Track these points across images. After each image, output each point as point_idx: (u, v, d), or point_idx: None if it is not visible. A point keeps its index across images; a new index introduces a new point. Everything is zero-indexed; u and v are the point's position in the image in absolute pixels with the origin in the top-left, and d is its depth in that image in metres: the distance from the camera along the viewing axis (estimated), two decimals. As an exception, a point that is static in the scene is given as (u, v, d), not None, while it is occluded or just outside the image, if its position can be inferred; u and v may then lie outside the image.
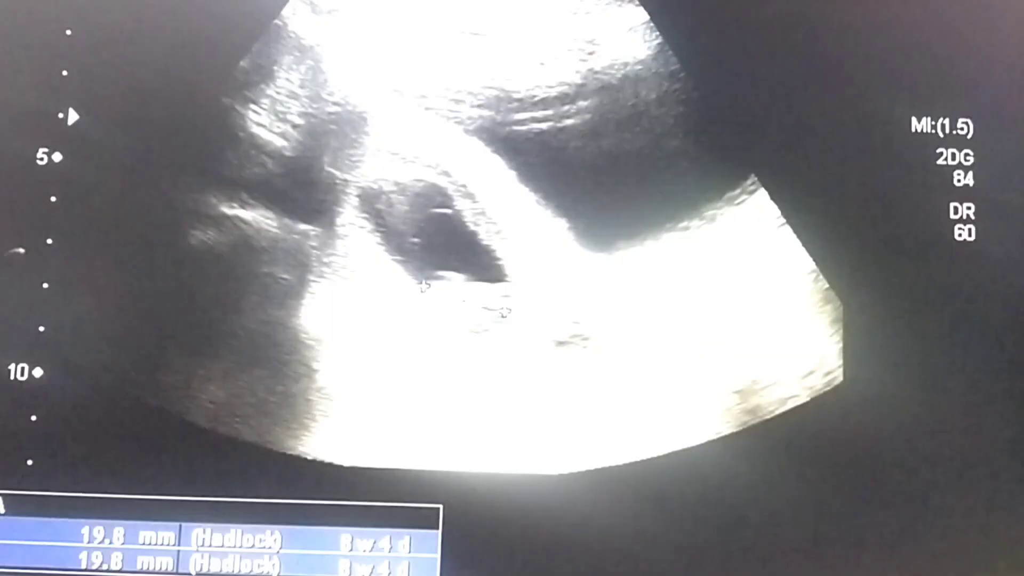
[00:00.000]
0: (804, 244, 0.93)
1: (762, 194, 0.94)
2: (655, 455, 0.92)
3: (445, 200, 0.95)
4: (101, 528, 0.92)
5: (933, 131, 0.94)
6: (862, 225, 0.93)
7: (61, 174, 0.94)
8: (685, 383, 0.94)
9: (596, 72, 0.96)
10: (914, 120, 0.94)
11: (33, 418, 0.93)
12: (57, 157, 0.94)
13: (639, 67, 0.96)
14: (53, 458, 0.92)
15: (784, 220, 0.94)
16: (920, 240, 0.94)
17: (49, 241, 0.94)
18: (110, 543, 0.92)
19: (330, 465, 0.92)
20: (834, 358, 0.93)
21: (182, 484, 0.92)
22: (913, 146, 0.94)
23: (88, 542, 0.92)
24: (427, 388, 0.94)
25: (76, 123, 0.94)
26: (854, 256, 0.93)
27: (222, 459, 0.92)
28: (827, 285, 0.93)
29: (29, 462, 0.93)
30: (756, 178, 0.94)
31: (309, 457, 0.92)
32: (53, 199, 0.94)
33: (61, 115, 0.94)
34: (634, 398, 0.94)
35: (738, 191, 0.94)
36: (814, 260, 0.93)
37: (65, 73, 0.95)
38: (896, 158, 0.94)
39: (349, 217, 0.95)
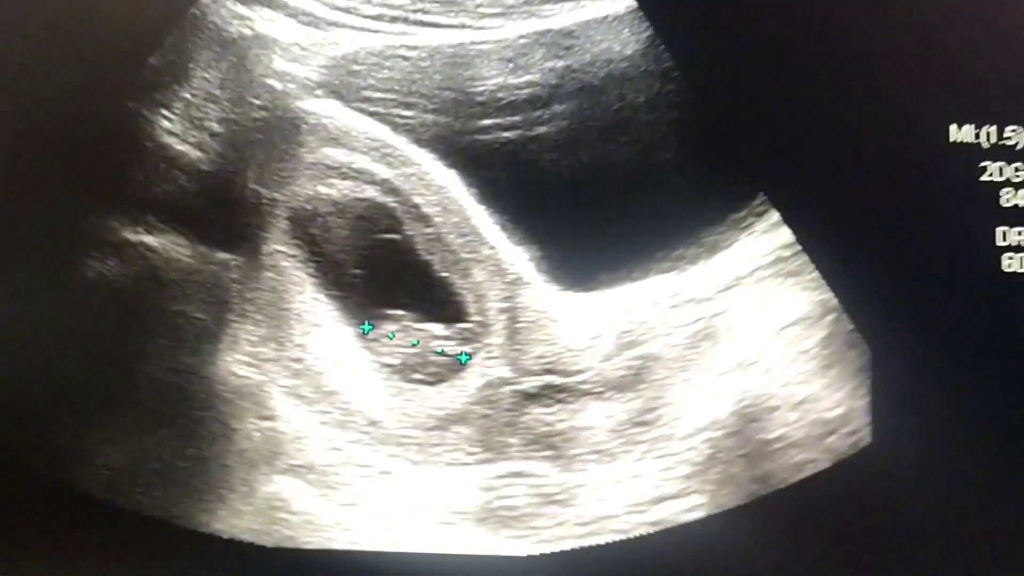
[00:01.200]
0: (823, 276, 0.86)
1: (773, 216, 0.87)
2: (643, 533, 0.83)
3: (393, 224, 0.88)
4: None
5: (976, 141, 0.87)
6: (892, 254, 0.86)
7: None
8: (679, 446, 0.84)
9: (574, 71, 0.89)
10: (953, 128, 0.87)
11: None
12: None
13: (625, 64, 0.89)
14: None
15: (800, 248, 0.87)
16: (961, 272, 0.86)
17: None
18: None
19: (250, 546, 0.84)
20: (860, 414, 0.84)
21: (72, 567, 0.84)
22: (952, 159, 0.87)
23: None
24: (371, 451, 0.85)
25: None
26: (883, 291, 0.86)
27: (120, 536, 0.84)
28: (851, 326, 0.85)
29: None
30: (765, 197, 0.88)
31: (225, 535, 0.84)
32: None
33: None
34: (617, 463, 0.84)
35: (744, 213, 0.87)
36: (836, 296, 0.86)
37: None
38: (932, 173, 0.87)
39: (277, 244, 0.88)
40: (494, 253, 0.87)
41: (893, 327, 0.85)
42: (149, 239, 0.86)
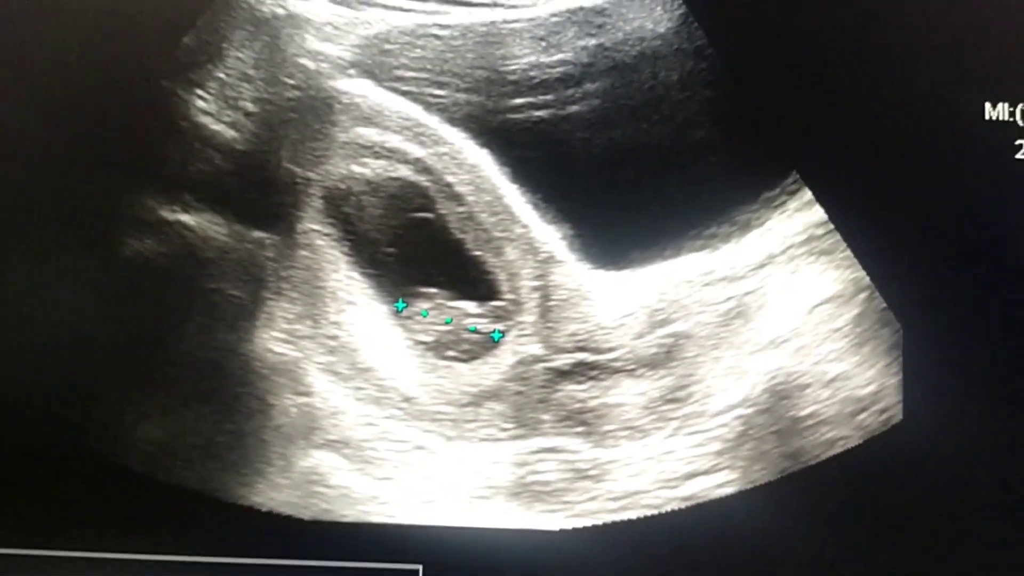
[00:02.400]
0: (856, 255, 0.86)
1: (805, 195, 0.86)
2: (675, 508, 0.83)
3: (426, 203, 0.87)
4: None
5: (1011, 119, 0.86)
6: (926, 232, 0.85)
7: None
8: (711, 423, 0.84)
9: (606, 49, 0.88)
10: (988, 106, 0.87)
11: (-60, 460, 0.86)
12: None
13: (658, 43, 0.88)
14: None
15: (832, 226, 0.86)
16: (996, 250, 0.85)
17: None
18: None
19: (288, 519, 0.84)
20: (892, 392, 0.84)
21: (114, 539, 0.84)
22: (988, 137, 0.86)
23: None
24: (406, 427, 0.85)
25: None
26: (916, 270, 0.85)
27: (161, 510, 0.84)
28: (884, 304, 0.85)
29: (-66, 513, 0.86)
30: (798, 176, 0.86)
31: (264, 509, 0.84)
32: None
33: None
34: (649, 439, 0.84)
35: (777, 191, 0.86)
36: (868, 274, 0.85)
37: None
38: (967, 151, 0.86)
39: (312, 223, 0.87)
40: (527, 232, 0.86)
41: (925, 306, 0.84)
42: (186, 218, 0.86)
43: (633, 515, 0.82)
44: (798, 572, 0.82)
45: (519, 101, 0.87)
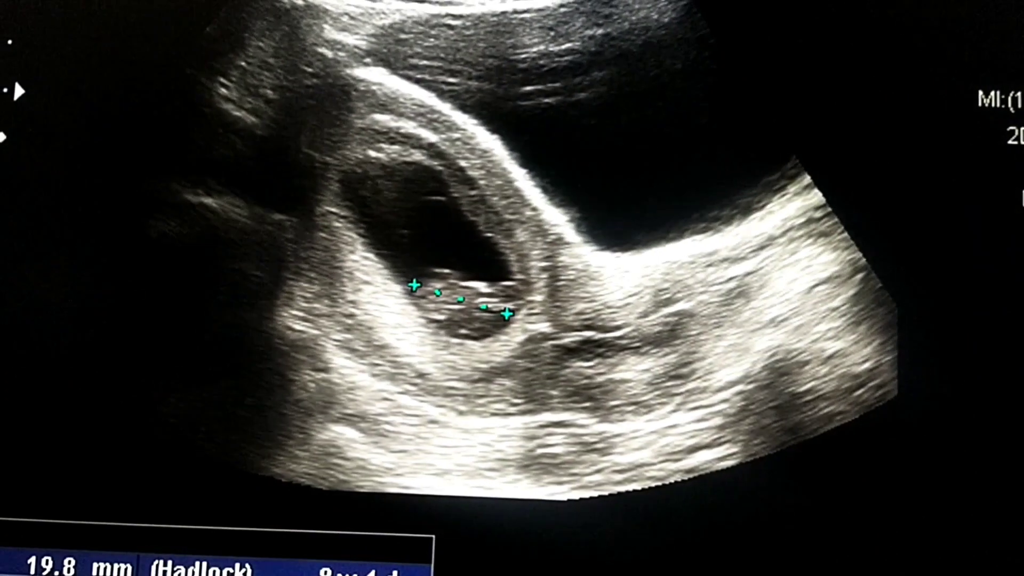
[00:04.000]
0: (853, 237, 0.87)
1: (805, 179, 0.88)
2: (677, 480, 0.85)
3: (439, 186, 0.88)
4: (49, 558, 0.85)
5: (1003, 106, 0.87)
6: (920, 216, 0.86)
7: (5, 155, 0.89)
8: (713, 398, 0.86)
9: (613, 38, 0.89)
10: (981, 93, 0.88)
11: (-28, 433, 0.87)
12: (0, 137, 0.89)
13: (662, 32, 0.89)
14: None
15: (830, 209, 0.87)
16: (988, 233, 0.86)
17: None
18: (60, 574, 0.86)
19: (307, 489, 0.85)
20: (887, 369, 0.85)
21: (140, 509, 0.85)
22: (980, 123, 0.87)
23: (35, 573, 0.85)
24: (420, 402, 0.86)
25: (21, 99, 0.89)
26: (911, 252, 0.86)
27: (185, 481, 0.85)
28: (879, 284, 0.86)
29: (-32, 483, 0.87)
30: (798, 160, 0.88)
31: (283, 480, 0.85)
32: None
33: (5, 90, 0.89)
34: (652, 414, 0.86)
35: (777, 176, 0.88)
36: (865, 256, 0.86)
37: (10, 43, 0.90)
38: (960, 137, 0.87)
39: (329, 205, 0.88)
40: (536, 214, 0.88)
41: (920, 286, 0.85)
42: (208, 201, 0.87)
43: (638, 487, 0.84)
44: (797, 541, 0.83)
45: (529, 88, 0.88)
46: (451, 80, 0.89)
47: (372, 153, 0.88)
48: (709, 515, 0.84)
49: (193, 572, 0.84)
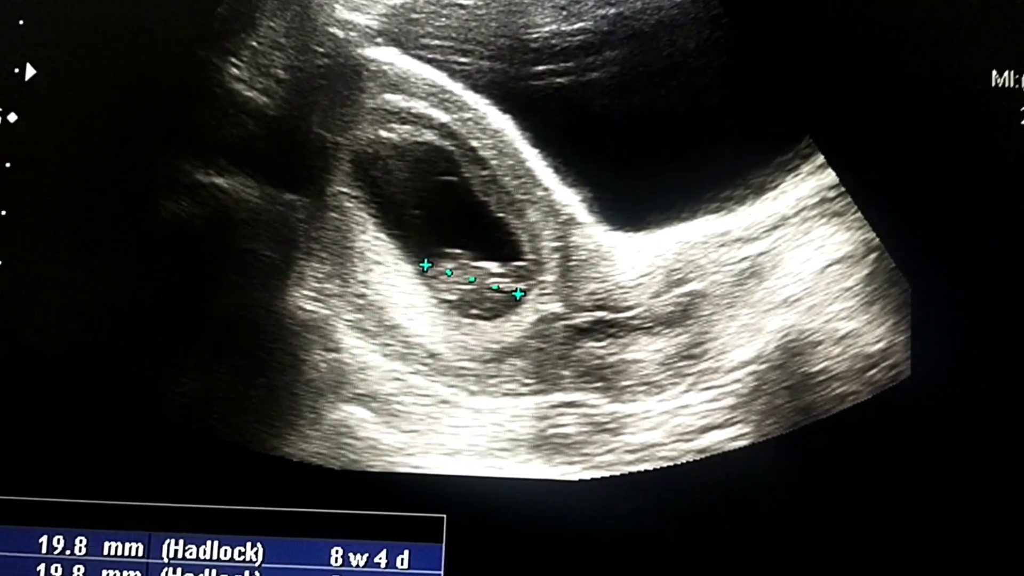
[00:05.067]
0: (866, 217, 0.86)
1: (818, 159, 0.87)
2: (689, 460, 0.85)
3: (450, 166, 0.88)
4: (61, 537, 0.86)
5: (1017, 86, 0.87)
6: (934, 195, 0.86)
7: (16, 137, 0.89)
8: (725, 378, 0.85)
9: (625, 18, 0.88)
10: (995, 74, 0.87)
11: (-15, 412, 0.87)
12: (12, 118, 0.89)
13: (675, 11, 0.88)
14: (7, 457, 0.86)
15: (843, 189, 0.86)
16: (1001, 213, 0.86)
17: (2, 212, 0.88)
18: (71, 554, 0.86)
19: (319, 469, 0.85)
20: (900, 349, 0.85)
21: (151, 489, 0.85)
22: (994, 103, 0.87)
23: (47, 552, 0.86)
24: (431, 382, 0.86)
25: (33, 79, 0.89)
26: (924, 231, 0.86)
27: (196, 460, 0.85)
28: (893, 264, 0.85)
29: (-20, 462, 0.87)
30: (811, 140, 0.87)
31: (295, 459, 0.85)
32: (7, 165, 0.88)
33: (16, 71, 0.89)
34: (665, 394, 0.85)
35: (790, 155, 0.87)
36: (878, 235, 0.86)
37: (21, 23, 0.90)
38: (974, 117, 0.87)
39: (341, 185, 0.88)
40: (547, 194, 0.87)
41: (933, 266, 0.85)
42: (220, 181, 0.87)
43: (650, 467, 0.84)
44: (808, 522, 0.83)
45: (541, 68, 0.88)
46: (463, 60, 0.88)
47: (383, 133, 0.88)
48: (721, 495, 0.83)
49: (205, 551, 0.85)
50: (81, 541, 0.85)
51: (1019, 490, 0.83)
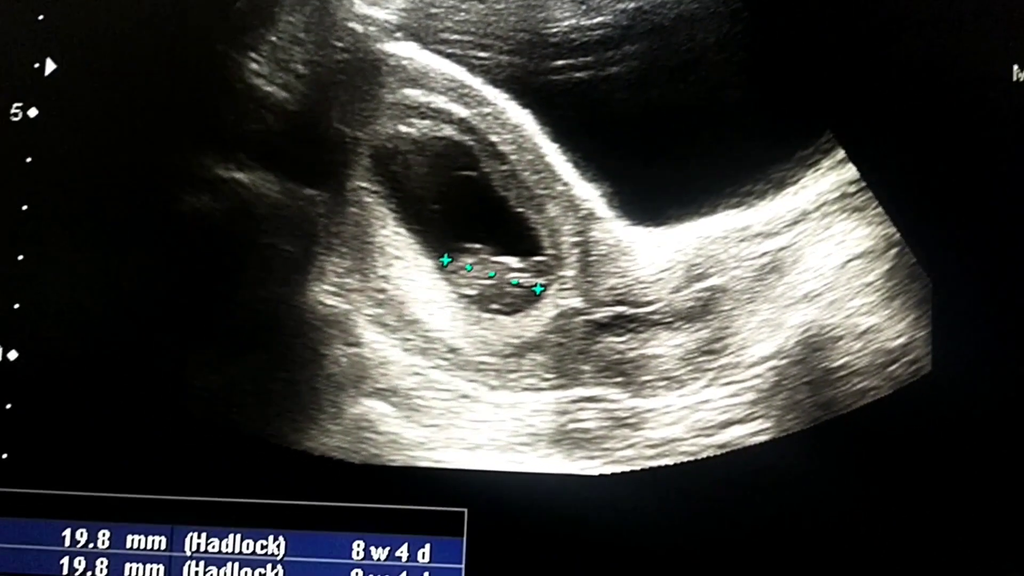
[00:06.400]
0: (887, 212, 0.86)
1: (839, 154, 0.87)
2: (710, 455, 0.85)
3: (470, 161, 0.88)
4: (84, 531, 0.86)
5: None
6: (955, 190, 0.85)
7: (37, 131, 0.89)
8: (746, 373, 0.85)
9: (645, 12, 0.88)
10: (1016, 68, 0.86)
11: (8, 406, 0.87)
12: (32, 112, 0.89)
13: (695, 6, 0.88)
14: (31, 451, 0.87)
15: (864, 183, 0.86)
16: (1022, 208, 0.85)
17: (24, 208, 0.88)
18: (94, 547, 0.86)
19: (340, 463, 0.85)
20: (921, 344, 0.84)
21: (174, 482, 0.86)
22: (1016, 98, 0.86)
23: (70, 545, 0.86)
24: (451, 377, 0.86)
25: (53, 74, 0.90)
26: (945, 227, 0.85)
27: (218, 454, 0.86)
28: (914, 259, 0.85)
29: (3, 456, 0.87)
30: (832, 135, 0.87)
31: (316, 453, 0.86)
32: (28, 160, 0.89)
33: (37, 65, 0.90)
34: (685, 389, 0.85)
35: (811, 150, 0.87)
36: (899, 230, 0.85)
37: (41, 18, 0.90)
38: (995, 112, 0.86)
39: (360, 180, 0.88)
40: (567, 189, 0.87)
41: (954, 261, 0.84)
42: (240, 176, 0.87)
43: (670, 462, 0.84)
44: (829, 518, 0.83)
45: (560, 63, 0.87)
46: (482, 54, 0.88)
47: (403, 128, 0.88)
48: (741, 490, 0.83)
49: (226, 545, 0.85)
50: (104, 534, 0.86)
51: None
